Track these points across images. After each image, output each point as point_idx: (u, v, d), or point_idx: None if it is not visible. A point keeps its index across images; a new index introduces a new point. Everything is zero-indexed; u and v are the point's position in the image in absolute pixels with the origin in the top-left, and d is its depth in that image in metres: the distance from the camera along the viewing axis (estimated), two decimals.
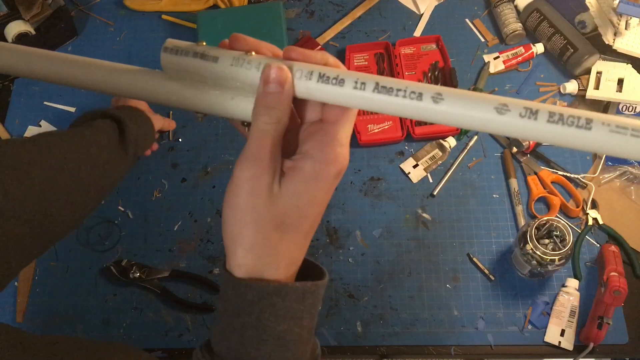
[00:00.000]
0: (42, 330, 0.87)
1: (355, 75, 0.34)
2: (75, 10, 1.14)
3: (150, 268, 0.90)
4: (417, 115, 0.33)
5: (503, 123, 0.31)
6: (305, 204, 0.36)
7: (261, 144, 0.35)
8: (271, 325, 0.36)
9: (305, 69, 0.35)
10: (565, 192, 0.95)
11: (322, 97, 0.35)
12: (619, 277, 0.81)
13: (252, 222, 0.36)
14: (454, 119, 0.32)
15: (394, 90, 0.33)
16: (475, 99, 0.32)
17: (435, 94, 0.32)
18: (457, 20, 1.11)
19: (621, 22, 0.98)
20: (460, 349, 0.85)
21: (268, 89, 0.35)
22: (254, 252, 0.36)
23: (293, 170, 0.36)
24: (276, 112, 0.35)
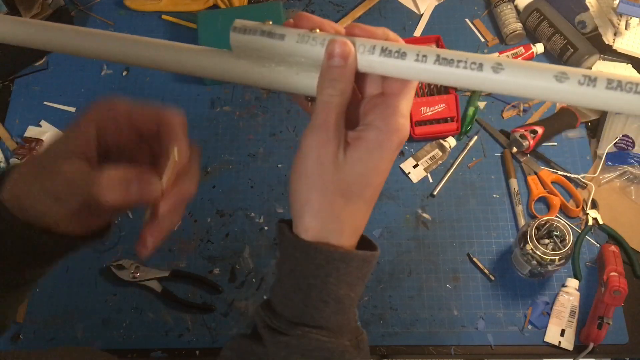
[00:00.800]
0: (42, 330, 0.87)
1: (416, 49, 0.35)
2: (75, 10, 1.14)
3: (150, 268, 0.90)
4: (477, 85, 0.34)
5: (563, 91, 0.32)
6: (369, 172, 0.38)
7: (327, 115, 0.37)
8: (334, 289, 0.39)
9: (367, 44, 0.36)
10: (565, 192, 0.95)
11: (384, 71, 0.37)
12: (619, 277, 0.81)
13: (319, 188, 0.38)
14: (514, 88, 0.33)
15: (455, 61, 0.34)
16: (535, 68, 0.32)
17: (495, 64, 0.33)
18: (457, 20, 1.11)
19: (621, 22, 0.99)
20: (460, 349, 0.85)
21: (332, 63, 0.36)
22: (320, 217, 0.38)
23: (357, 140, 0.38)
24: (340, 85, 0.37)
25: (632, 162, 0.95)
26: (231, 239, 0.93)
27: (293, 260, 0.39)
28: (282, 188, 0.97)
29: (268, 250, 0.92)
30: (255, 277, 0.90)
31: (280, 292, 0.40)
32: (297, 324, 0.39)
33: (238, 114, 1.03)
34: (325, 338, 0.39)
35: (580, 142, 0.99)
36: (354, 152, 0.38)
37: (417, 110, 0.98)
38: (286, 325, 0.39)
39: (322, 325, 0.39)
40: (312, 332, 0.39)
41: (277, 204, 0.96)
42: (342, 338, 0.40)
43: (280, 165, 0.99)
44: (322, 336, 0.39)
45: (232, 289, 0.89)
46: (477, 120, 1.01)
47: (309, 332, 0.39)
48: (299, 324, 0.39)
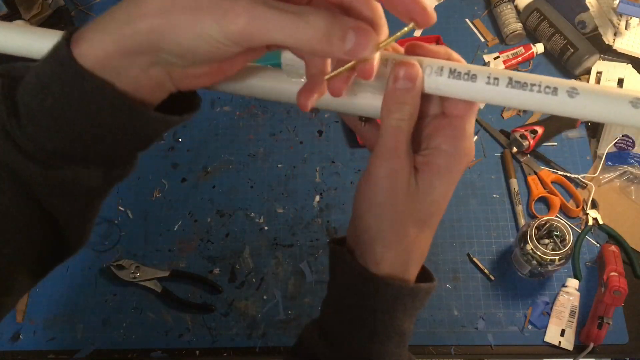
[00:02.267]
0: (42, 330, 0.87)
1: (487, 71, 0.34)
2: (75, 10, 1.14)
3: (150, 268, 0.90)
4: (551, 109, 0.33)
5: (638, 115, 0.32)
6: (440, 198, 0.37)
7: (397, 141, 0.36)
8: (399, 324, 0.38)
9: (435, 65, 0.35)
10: (565, 192, 0.95)
11: (452, 93, 0.35)
12: (619, 277, 0.81)
13: (392, 218, 0.37)
14: (589, 113, 0.33)
15: (528, 85, 0.33)
16: (611, 93, 0.32)
17: (570, 88, 0.32)
18: (457, 20, 1.11)
19: (621, 22, 0.99)
20: (460, 349, 0.85)
21: (399, 85, 0.35)
22: (393, 250, 0.37)
23: (427, 165, 0.37)
24: (408, 108, 0.35)
25: (632, 162, 0.95)
26: (231, 239, 0.93)
27: (359, 293, 0.38)
28: (282, 188, 0.97)
29: (268, 250, 0.92)
30: (255, 277, 0.90)
31: (342, 323, 0.39)
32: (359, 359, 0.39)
33: (238, 114, 1.03)
34: None
35: (580, 142, 0.99)
36: (425, 178, 0.37)
37: None
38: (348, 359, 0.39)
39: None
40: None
41: (277, 204, 0.96)
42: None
43: (280, 165, 0.99)
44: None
45: (232, 289, 0.89)
46: (477, 120, 1.01)
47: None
48: (360, 358, 0.39)
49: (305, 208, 0.95)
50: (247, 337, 0.86)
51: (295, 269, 0.91)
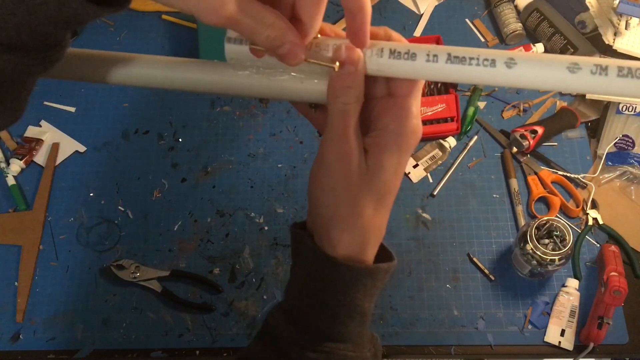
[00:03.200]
0: (42, 330, 0.87)
1: (425, 48, 0.35)
2: None
3: (150, 268, 0.90)
4: (491, 81, 0.34)
5: (576, 81, 0.32)
6: (392, 177, 0.38)
7: (345, 124, 0.36)
8: (360, 303, 0.39)
9: (375, 47, 0.36)
10: (565, 192, 0.95)
11: (393, 73, 0.36)
12: (619, 277, 0.81)
13: (346, 202, 0.37)
14: (528, 82, 0.33)
15: (467, 59, 0.34)
16: (547, 60, 0.32)
17: (507, 59, 0.33)
18: (457, 20, 1.11)
19: (621, 22, 0.99)
20: (460, 349, 0.85)
21: (342, 70, 0.35)
22: (349, 232, 0.38)
23: (376, 146, 0.37)
24: (354, 92, 0.36)
25: (632, 162, 0.95)
26: (231, 239, 0.93)
27: (319, 276, 0.39)
28: (282, 188, 0.97)
29: (268, 250, 0.92)
30: (255, 277, 0.90)
31: (304, 305, 0.40)
32: (323, 340, 0.39)
33: (238, 114, 1.03)
34: (351, 353, 0.39)
35: (580, 142, 0.99)
36: (375, 159, 0.37)
37: None
38: (312, 342, 0.39)
39: (346, 339, 0.40)
40: (340, 347, 0.39)
41: (277, 204, 0.96)
42: (364, 349, 0.41)
43: (280, 165, 0.99)
44: (348, 351, 0.39)
45: (232, 289, 0.89)
46: (477, 120, 1.01)
47: (336, 349, 0.39)
48: (325, 339, 0.39)
49: (305, 208, 0.95)
50: (247, 337, 0.86)
51: None
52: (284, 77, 0.38)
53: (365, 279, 0.38)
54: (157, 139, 1.01)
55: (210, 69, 0.39)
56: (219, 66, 0.39)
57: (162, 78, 0.40)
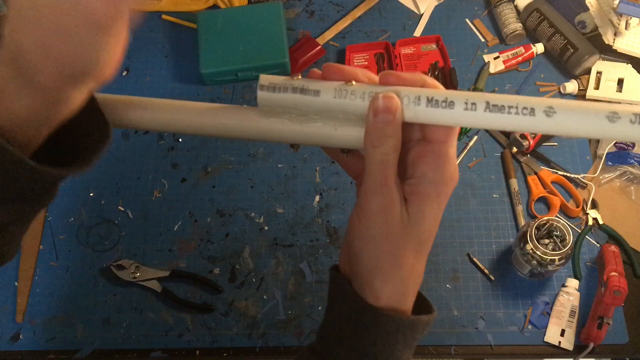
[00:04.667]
0: (42, 330, 0.87)
1: (464, 96, 0.35)
2: None
3: (150, 268, 0.90)
4: (530, 129, 0.34)
5: (615, 130, 0.32)
6: (432, 225, 0.38)
7: (384, 174, 0.36)
8: (398, 355, 0.39)
9: (412, 94, 0.35)
10: (565, 192, 0.95)
11: (430, 120, 0.36)
12: (619, 277, 0.81)
13: (388, 253, 0.37)
14: (567, 130, 0.33)
15: (506, 107, 0.34)
16: (587, 109, 0.33)
17: (547, 107, 0.33)
18: (457, 20, 1.11)
19: (621, 22, 0.99)
20: (460, 349, 0.85)
21: (379, 119, 0.35)
22: (391, 282, 0.38)
23: (415, 195, 0.37)
24: (392, 141, 0.36)
25: (632, 162, 0.95)
26: (231, 239, 0.93)
27: (359, 325, 0.38)
28: (282, 188, 0.97)
29: (268, 250, 0.92)
30: (255, 277, 0.90)
31: (340, 352, 0.40)
32: None
33: None
34: None
35: (580, 142, 0.99)
36: (416, 208, 0.37)
37: None
38: None
39: None
40: None
41: (277, 204, 0.96)
42: None
43: (280, 165, 0.99)
44: None
45: (232, 289, 0.89)
46: None
47: None
48: None
49: (305, 208, 0.95)
50: (247, 337, 0.86)
51: (295, 269, 0.91)
52: (317, 124, 0.38)
53: (406, 330, 0.38)
54: (157, 139, 1.01)
55: (242, 115, 0.39)
56: (250, 112, 0.39)
57: (191, 124, 0.40)
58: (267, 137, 0.39)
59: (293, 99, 0.37)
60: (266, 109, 0.38)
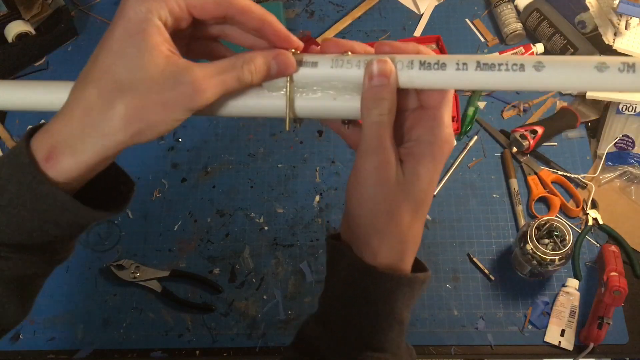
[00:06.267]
0: (42, 330, 0.87)
1: (455, 58, 0.36)
2: (75, 10, 1.14)
3: (150, 268, 0.90)
4: (521, 85, 0.35)
5: (604, 79, 0.33)
6: (427, 186, 0.38)
7: (380, 135, 0.37)
8: (399, 312, 0.40)
9: (405, 59, 0.36)
10: (565, 192, 0.95)
11: (424, 84, 0.37)
12: (619, 277, 0.81)
13: (385, 211, 0.38)
14: (557, 83, 0.34)
15: (496, 65, 0.34)
16: (575, 61, 0.33)
17: (536, 62, 0.34)
18: (457, 20, 1.11)
19: (621, 22, 0.98)
20: (460, 349, 0.85)
21: (374, 83, 0.36)
22: (388, 241, 0.38)
23: (411, 156, 0.38)
24: (387, 103, 0.37)
25: (632, 162, 0.95)
26: (231, 239, 0.93)
27: (359, 286, 0.39)
28: (282, 188, 0.97)
29: (268, 250, 0.92)
30: (255, 277, 0.90)
31: (342, 315, 0.40)
32: (363, 350, 0.39)
33: None
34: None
35: (580, 142, 0.99)
36: (411, 168, 0.38)
37: None
38: (352, 351, 0.39)
39: (385, 349, 0.40)
40: (379, 357, 0.40)
41: (277, 204, 0.96)
42: (402, 359, 0.41)
43: (280, 165, 0.99)
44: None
45: (232, 289, 0.89)
46: (477, 120, 1.01)
47: (376, 358, 0.39)
48: (364, 349, 0.39)
49: (305, 208, 0.95)
50: (247, 337, 0.86)
51: (295, 269, 0.91)
52: (317, 95, 0.38)
53: (404, 288, 0.39)
54: (157, 139, 1.01)
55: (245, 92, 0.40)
56: (252, 89, 0.40)
57: None
58: (271, 112, 0.40)
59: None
60: (268, 85, 0.39)
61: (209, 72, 0.35)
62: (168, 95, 0.33)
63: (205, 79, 0.34)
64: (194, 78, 0.34)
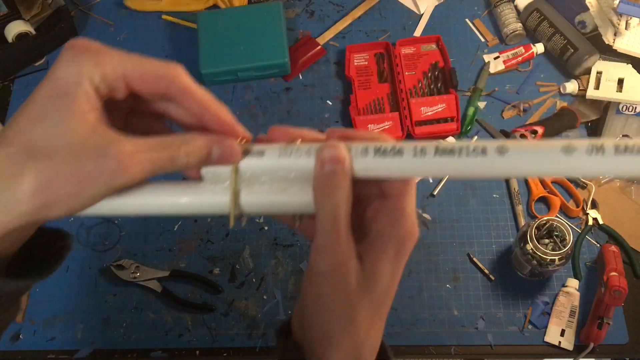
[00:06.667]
0: (42, 330, 0.87)
1: (412, 144, 0.33)
2: (75, 10, 1.14)
3: (150, 268, 0.90)
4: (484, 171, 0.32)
5: (572, 163, 0.30)
6: (389, 286, 0.35)
7: (335, 232, 0.33)
8: None
9: (359, 146, 0.33)
10: (565, 192, 0.95)
11: (381, 172, 0.33)
12: (619, 277, 0.81)
13: (342, 317, 0.34)
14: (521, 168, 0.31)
15: (456, 151, 0.32)
16: (541, 144, 0.31)
17: (499, 146, 0.31)
18: (457, 20, 1.11)
19: (621, 22, 0.98)
20: (460, 349, 0.85)
21: (326, 170, 0.33)
22: (343, 349, 0.35)
23: (371, 254, 0.35)
24: (341, 193, 0.33)
25: None
26: (231, 239, 0.93)
27: None
28: None
29: (268, 250, 0.92)
30: (255, 277, 0.90)
31: None
32: None
33: (238, 114, 1.03)
34: None
35: None
36: (370, 266, 0.34)
37: (417, 110, 0.98)
38: None
39: None
40: None
41: None
42: None
43: None
44: None
45: (232, 289, 0.89)
46: (477, 120, 1.01)
47: None
48: None
49: None
50: (247, 337, 0.86)
51: (295, 269, 0.91)
52: (263, 188, 0.35)
53: None
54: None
55: (177, 191, 0.35)
56: (189, 187, 0.36)
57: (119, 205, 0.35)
58: (214, 211, 0.35)
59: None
60: (209, 177, 0.35)
61: (139, 147, 0.31)
62: (86, 168, 0.29)
63: (133, 155, 0.30)
64: (120, 152, 0.30)
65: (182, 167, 0.34)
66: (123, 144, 0.30)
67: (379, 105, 1.01)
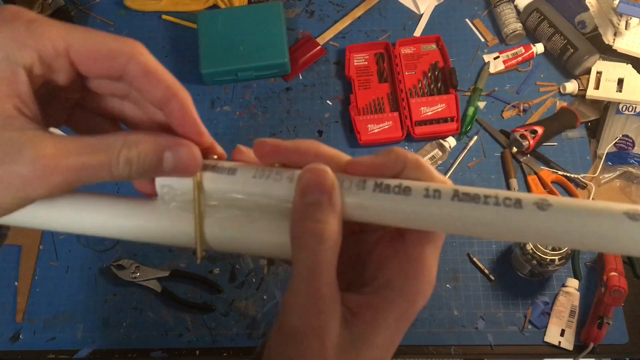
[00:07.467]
0: (42, 330, 0.87)
1: (424, 182, 0.26)
2: (75, 10, 1.14)
3: (150, 268, 0.90)
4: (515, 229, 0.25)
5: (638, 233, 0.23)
6: (387, 353, 0.28)
7: (316, 283, 0.25)
8: None
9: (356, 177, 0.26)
10: (565, 192, 0.95)
11: (380, 215, 0.26)
12: (619, 277, 0.81)
13: None
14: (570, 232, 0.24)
15: (481, 197, 0.25)
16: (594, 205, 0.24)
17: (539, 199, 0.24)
18: (457, 20, 1.11)
19: (621, 22, 0.98)
20: (460, 349, 0.85)
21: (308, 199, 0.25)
22: None
23: (370, 311, 0.27)
24: (326, 229, 0.25)
25: (632, 162, 0.95)
26: None
27: None
28: None
29: None
30: (255, 277, 0.90)
31: None
32: None
33: (238, 113, 1.03)
34: None
35: (580, 142, 0.99)
36: (364, 328, 0.26)
37: (417, 110, 0.98)
38: None
39: None
40: None
41: None
42: None
43: None
44: None
45: (232, 289, 0.89)
46: (477, 120, 1.01)
47: None
48: None
49: None
50: (247, 337, 0.86)
51: None
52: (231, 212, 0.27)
53: None
54: None
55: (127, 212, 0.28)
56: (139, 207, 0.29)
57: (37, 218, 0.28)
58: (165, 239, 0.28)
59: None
60: (166, 198, 0.28)
61: (65, 149, 0.24)
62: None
63: (55, 159, 0.24)
64: (38, 155, 0.23)
65: (122, 177, 0.26)
66: (44, 145, 0.24)
67: (379, 105, 1.01)
